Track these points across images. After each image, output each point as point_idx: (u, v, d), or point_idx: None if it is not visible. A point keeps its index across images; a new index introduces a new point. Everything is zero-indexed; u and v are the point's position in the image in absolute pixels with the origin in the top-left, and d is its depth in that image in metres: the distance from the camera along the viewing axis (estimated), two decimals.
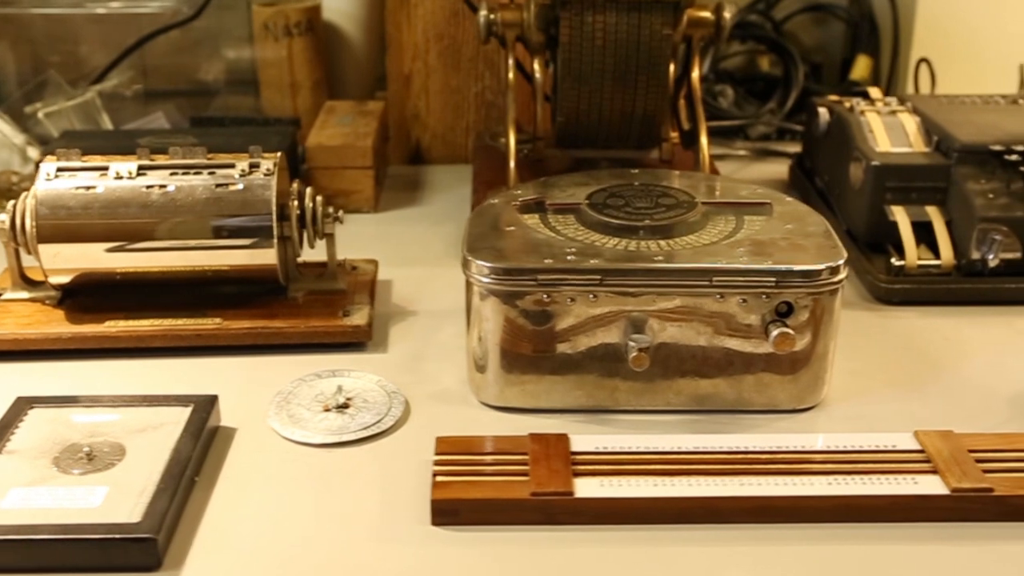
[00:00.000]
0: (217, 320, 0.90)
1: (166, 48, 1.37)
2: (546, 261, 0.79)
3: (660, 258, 0.79)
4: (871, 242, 1.05)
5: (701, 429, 0.80)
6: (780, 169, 1.31)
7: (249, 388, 0.85)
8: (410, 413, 0.82)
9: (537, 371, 0.81)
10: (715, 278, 0.78)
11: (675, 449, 0.74)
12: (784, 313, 0.79)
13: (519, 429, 0.79)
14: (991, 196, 1.00)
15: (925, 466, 0.73)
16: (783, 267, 0.78)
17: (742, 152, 1.38)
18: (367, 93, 1.38)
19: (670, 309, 0.79)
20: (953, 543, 0.69)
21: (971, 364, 0.90)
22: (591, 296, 0.79)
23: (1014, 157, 1.01)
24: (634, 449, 0.75)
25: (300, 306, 0.93)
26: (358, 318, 0.91)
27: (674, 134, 1.25)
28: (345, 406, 0.82)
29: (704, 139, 1.08)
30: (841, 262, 0.80)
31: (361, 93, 1.38)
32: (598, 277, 0.78)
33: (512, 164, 1.07)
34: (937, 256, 1.00)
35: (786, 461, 0.73)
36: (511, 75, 1.10)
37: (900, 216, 1.03)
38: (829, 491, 0.70)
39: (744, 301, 0.79)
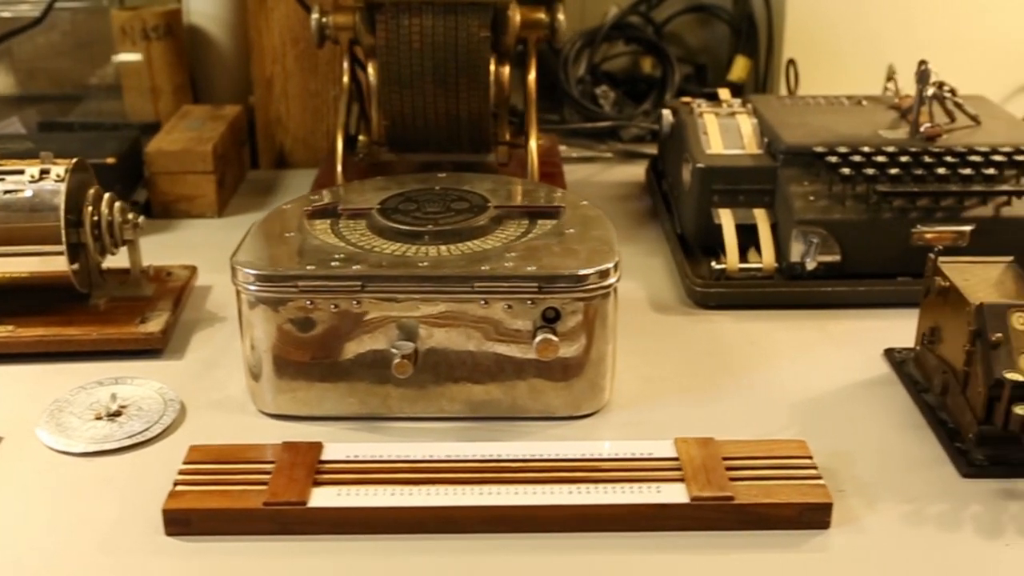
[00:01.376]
0: (10, 328, 0.89)
1: (37, 52, 1.36)
2: (308, 267, 0.78)
3: (426, 264, 0.79)
4: (704, 245, 1.04)
5: (474, 437, 0.79)
6: (641, 172, 1.30)
7: (30, 397, 0.84)
8: (184, 421, 0.82)
9: (308, 378, 0.80)
10: (477, 284, 0.77)
11: (426, 457, 0.74)
12: (552, 319, 0.78)
13: (289, 437, 0.78)
14: (812, 198, 0.99)
15: (675, 474, 0.72)
16: (546, 272, 0.77)
17: (608, 154, 1.37)
18: (239, 97, 1.38)
19: (436, 315, 0.78)
20: (693, 552, 0.68)
21: (770, 369, 0.89)
22: (355, 303, 0.78)
23: (835, 159, 0.99)
24: (386, 458, 0.74)
25: (100, 313, 0.92)
26: (153, 325, 0.90)
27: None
28: (117, 414, 0.81)
29: (533, 143, 1.07)
30: (611, 266, 0.79)
31: (232, 97, 1.37)
32: (359, 284, 0.77)
33: (339, 168, 1.06)
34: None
35: (535, 470, 0.72)
36: (345, 79, 1.10)
37: (725, 219, 1.02)
38: (568, 500, 0.69)
39: (509, 307, 0.78)
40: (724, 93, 1.18)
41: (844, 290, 0.97)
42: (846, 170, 0.98)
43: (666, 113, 1.15)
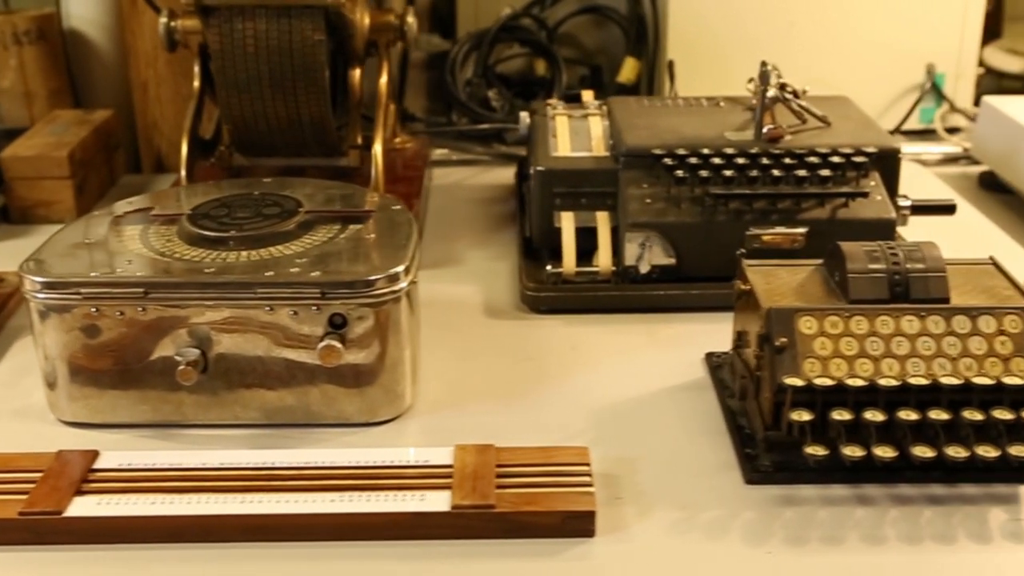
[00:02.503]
0: None
1: None
2: (92, 274, 0.77)
3: (212, 270, 0.78)
4: (549, 248, 1.03)
5: (268, 444, 0.79)
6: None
7: None
8: None
9: (100, 386, 0.79)
10: (260, 290, 0.76)
11: (200, 465, 0.73)
12: (339, 325, 0.77)
13: (83, 445, 0.77)
14: (648, 201, 0.98)
15: (444, 482, 0.71)
16: (330, 278, 0.77)
17: (486, 157, 1.36)
18: (122, 101, 1.37)
19: (221, 321, 0.77)
20: (453, 560, 0.67)
21: (586, 374, 0.88)
22: (140, 309, 0.77)
23: (671, 161, 0.98)
24: (160, 466, 0.73)
25: None
26: None
27: (398, 139, 1.24)
28: None
29: (379, 147, 1.06)
30: (400, 270, 0.78)
31: (114, 101, 1.36)
32: (142, 290, 0.77)
33: (183, 172, 1.05)
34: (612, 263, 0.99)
35: (305, 478, 0.71)
36: (196, 83, 1.09)
37: (565, 222, 1.01)
38: (328, 509, 0.69)
39: (295, 313, 0.77)
40: (587, 95, 1.17)
41: (677, 293, 0.97)
42: (681, 172, 0.97)
43: (523, 116, 1.14)
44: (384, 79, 1.10)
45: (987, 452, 0.71)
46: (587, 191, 1.02)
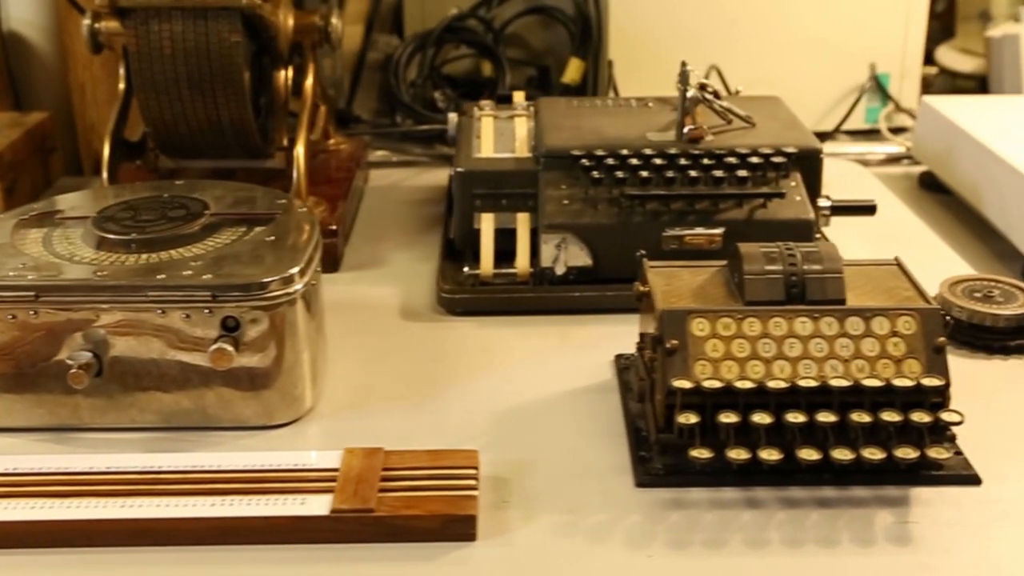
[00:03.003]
0: None
1: None
2: None
3: (104, 273, 0.78)
4: (473, 249, 1.02)
5: (165, 447, 0.78)
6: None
7: None
8: None
9: None
10: (151, 293, 0.76)
11: (86, 469, 0.72)
12: (232, 328, 0.77)
13: None
14: (566, 202, 0.98)
15: (328, 485, 0.70)
16: (221, 281, 0.76)
17: (425, 159, 1.36)
18: (63, 103, 1.37)
19: (115, 324, 0.77)
20: (331, 565, 0.67)
21: (493, 376, 0.87)
22: (32, 312, 0.77)
23: (588, 162, 0.98)
24: (47, 470, 0.72)
25: None
26: None
27: (332, 140, 1.24)
28: None
29: (301, 148, 1.05)
30: (295, 272, 0.78)
31: (56, 103, 1.36)
32: (32, 294, 0.76)
33: (105, 175, 1.05)
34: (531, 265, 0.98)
35: (191, 481, 0.71)
36: (121, 86, 1.09)
37: (485, 223, 1.00)
38: (208, 513, 0.68)
39: (188, 316, 0.77)
40: (517, 96, 1.17)
41: (593, 295, 0.96)
42: (597, 173, 0.97)
43: (452, 117, 1.14)
44: (310, 81, 1.09)
45: (873, 454, 0.70)
46: (508, 192, 1.01)
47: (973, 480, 0.74)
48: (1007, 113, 1.23)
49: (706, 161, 0.98)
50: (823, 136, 1.39)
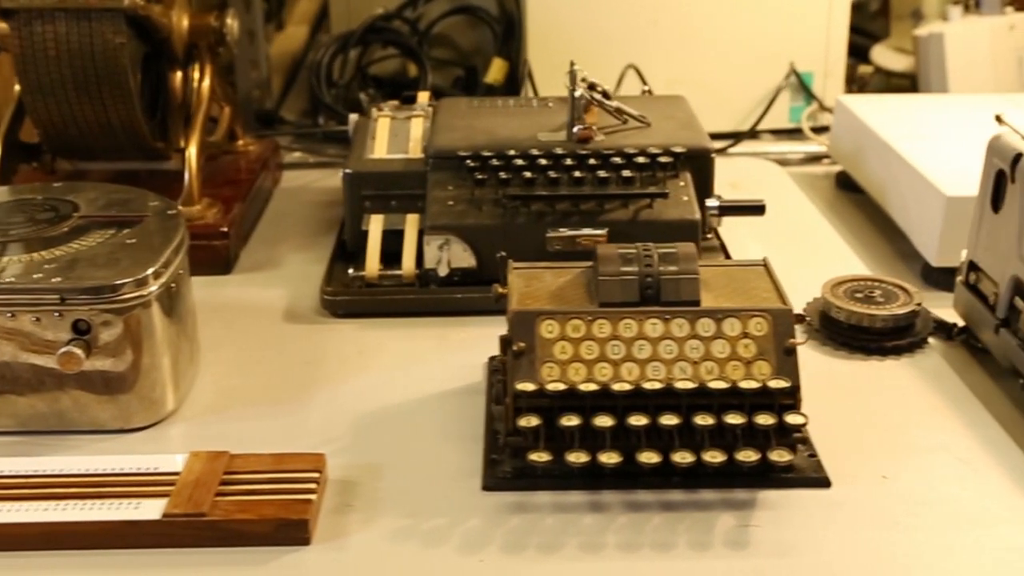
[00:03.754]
0: None
1: None
2: None
3: None
4: (363, 251, 1.01)
5: (21, 451, 0.77)
6: None
7: None
8: None
9: None
10: None
11: None
12: (84, 331, 0.77)
13: None
14: (451, 203, 0.97)
15: (164, 489, 0.70)
16: (70, 284, 0.76)
17: (340, 160, 1.34)
18: None
19: None
20: (162, 569, 0.67)
21: (364, 379, 0.87)
22: None
23: (473, 163, 0.97)
24: None
25: None
26: None
27: (240, 141, 1.23)
28: None
29: (193, 150, 1.05)
30: (149, 274, 0.77)
31: None
32: None
33: None
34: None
35: (26, 486, 0.70)
36: (17, 86, 1.08)
37: (372, 225, 1.00)
38: (38, 518, 0.68)
39: (37, 319, 0.76)
40: (422, 97, 1.16)
41: (475, 296, 0.95)
42: (480, 174, 0.96)
43: (352, 117, 1.13)
44: (206, 83, 1.09)
45: (714, 457, 0.70)
46: (397, 193, 1.01)
47: (823, 483, 0.73)
48: (919, 112, 1.23)
49: (592, 161, 0.97)
50: (746, 135, 1.38)
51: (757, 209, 1.00)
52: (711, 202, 0.99)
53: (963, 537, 0.68)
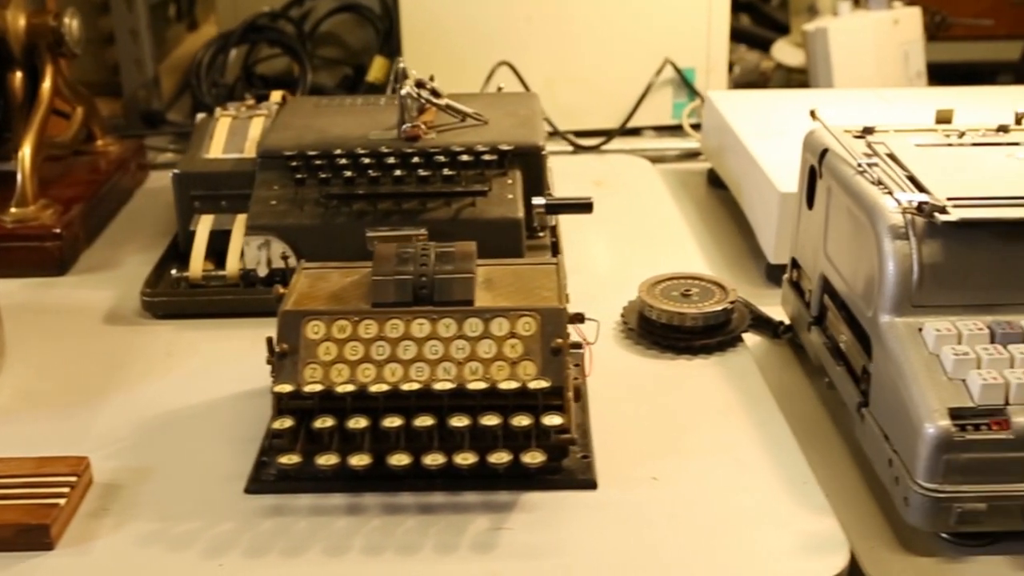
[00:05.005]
0: None
1: None
2: None
3: None
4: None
5: None
6: None
7: None
8: None
9: None
10: None
11: None
12: None
13: None
14: (273, 203, 0.96)
15: None
16: None
17: None
18: None
19: None
20: None
21: (164, 381, 0.86)
22: None
23: (296, 163, 0.97)
24: None
25: None
26: None
27: (100, 141, 1.23)
28: None
29: (28, 150, 1.04)
30: None
31: None
32: None
33: None
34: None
35: None
36: None
37: (200, 225, 0.99)
38: None
39: None
40: (275, 95, 1.16)
41: None
42: (300, 174, 0.96)
43: (199, 117, 1.13)
44: (46, 84, 1.08)
45: (466, 459, 0.69)
46: (227, 194, 1.00)
47: (588, 484, 0.72)
48: (784, 108, 1.21)
49: (415, 160, 0.96)
50: (617, 132, 1.37)
51: (584, 207, 0.99)
52: (538, 200, 0.98)
53: (719, 540, 0.68)
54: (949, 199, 0.73)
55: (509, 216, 0.95)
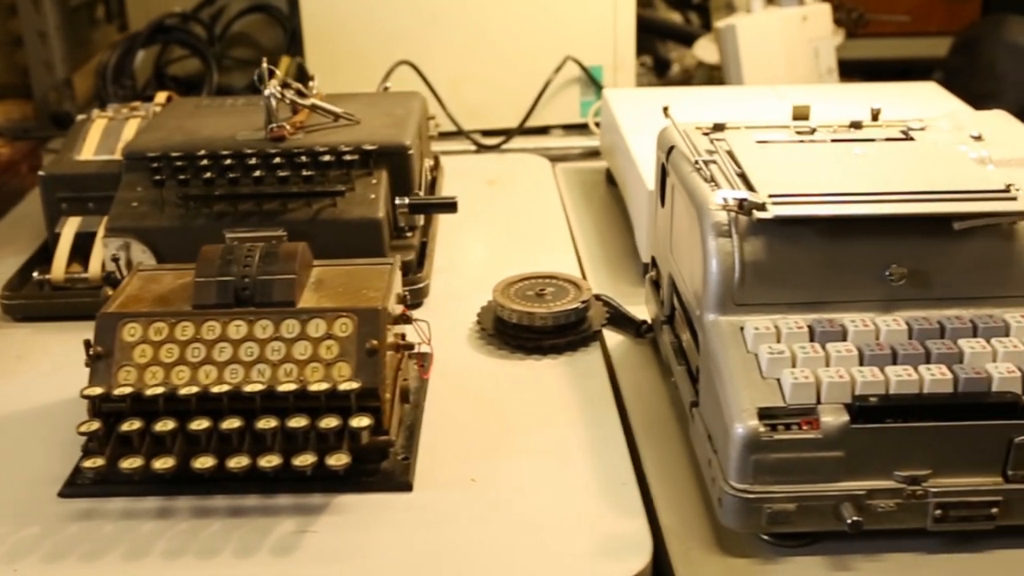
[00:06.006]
0: None
1: None
2: None
3: None
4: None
5: None
6: None
7: None
8: None
9: None
10: None
11: None
12: None
13: None
14: (135, 205, 0.96)
15: None
16: None
17: None
18: None
19: None
20: None
21: (5, 385, 0.86)
22: None
23: (157, 164, 0.96)
24: None
25: None
26: None
27: None
28: None
29: None
30: None
31: None
32: None
33: None
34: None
35: None
36: None
37: (66, 228, 0.99)
38: None
39: None
40: (160, 96, 1.15)
41: None
42: (159, 175, 0.95)
43: (78, 119, 1.12)
44: None
45: (270, 462, 0.68)
46: (94, 196, 0.99)
47: (404, 486, 0.72)
48: (678, 107, 1.20)
49: (276, 160, 0.96)
50: (516, 132, 1.36)
51: (449, 206, 0.98)
52: (400, 200, 0.97)
53: (524, 541, 0.67)
54: (771, 196, 0.72)
55: (369, 216, 0.94)
